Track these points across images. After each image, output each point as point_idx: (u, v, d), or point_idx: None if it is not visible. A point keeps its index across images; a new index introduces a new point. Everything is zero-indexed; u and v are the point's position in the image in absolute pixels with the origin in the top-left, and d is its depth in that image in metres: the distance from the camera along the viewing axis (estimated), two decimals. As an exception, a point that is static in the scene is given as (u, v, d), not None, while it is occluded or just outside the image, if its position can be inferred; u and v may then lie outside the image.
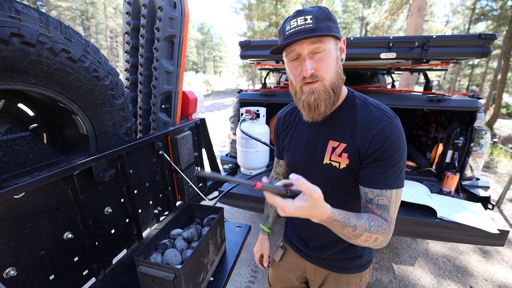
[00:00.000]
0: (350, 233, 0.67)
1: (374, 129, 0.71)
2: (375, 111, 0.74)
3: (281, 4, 18.65)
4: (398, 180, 0.71)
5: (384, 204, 0.70)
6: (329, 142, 0.79)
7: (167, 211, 1.45)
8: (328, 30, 0.67)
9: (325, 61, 0.70)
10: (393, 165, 0.70)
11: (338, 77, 0.73)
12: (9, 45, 0.77)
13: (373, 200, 0.72)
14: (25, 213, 0.75)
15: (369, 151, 0.71)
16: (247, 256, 2.40)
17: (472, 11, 15.17)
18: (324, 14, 0.68)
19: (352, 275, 0.91)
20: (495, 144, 6.23)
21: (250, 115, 2.02)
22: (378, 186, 0.71)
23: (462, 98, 2.00)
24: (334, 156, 0.77)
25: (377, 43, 1.81)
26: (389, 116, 0.72)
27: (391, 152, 0.69)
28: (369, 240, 0.68)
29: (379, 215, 0.71)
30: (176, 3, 1.42)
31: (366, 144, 0.71)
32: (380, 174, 0.70)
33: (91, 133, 1.15)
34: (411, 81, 8.06)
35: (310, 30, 0.66)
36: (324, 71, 0.70)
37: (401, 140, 0.71)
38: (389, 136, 0.69)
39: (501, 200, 3.40)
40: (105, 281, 0.97)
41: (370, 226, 0.68)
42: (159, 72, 1.51)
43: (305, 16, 0.67)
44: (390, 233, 0.71)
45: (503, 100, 13.81)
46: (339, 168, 0.77)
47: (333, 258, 0.91)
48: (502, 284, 2.12)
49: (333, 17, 0.70)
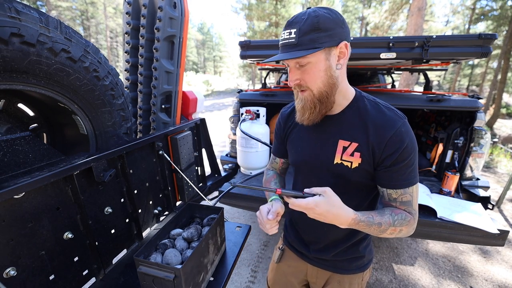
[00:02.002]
0: (376, 230, 0.73)
1: (389, 130, 0.72)
2: (387, 111, 0.75)
3: (281, 4, 18.65)
4: (416, 176, 0.75)
5: (407, 200, 0.75)
6: (339, 142, 0.78)
7: (167, 211, 1.45)
8: (311, 44, 0.67)
9: (309, 73, 0.71)
10: (411, 164, 0.73)
11: (327, 86, 0.73)
12: (9, 45, 0.77)
13: (397, 199, 0.76)
14: (25, 213, 0.75)
15: (386, 153, 0.72)
16: (247, 256, 2.40)
17: (472, 11, 15.17)
18: (310, 25, 0.66)
19: (355, 275, 0.92)
20: (495, 144, 6.23)
21: (250, 115, 2.02)
22: (402, 186, 0.74)
23: (462, 98, 2.00)
24: (345, 155, 0.77)
25: (377, 43, 1.81)
26: (400, 116, 0.74)
27: (408, 153, 0.72)
28: (394, 233, 0.75)
29: (404, 209, 0.76)
30: (176, 3, 1.42)
31: (381, 144, 0.72)
32: (402, 175, 0.74)
33: (91, 133, 1.15)
34: (411, 81, 8.06)
35: (292, 45, 0.68)
36: (309, 82, 0.73)
37: (414, 139, 0.74)
38: (404, 138, 0.71)
39: (501, 200, 3.40)
40: (105, 281, 0.97)
41: (394, 220, 0.74)
42: (159, 72, 1.51)
43: (290, 30, 0.68)
44: (415, 222, 0.77)
45: (503, 100, 13.81)
46: (351, 168, 0.77)
47: (336, 259, 0.91)
48: (502, 284, 2.12)
49: (326, 25, 0.66)
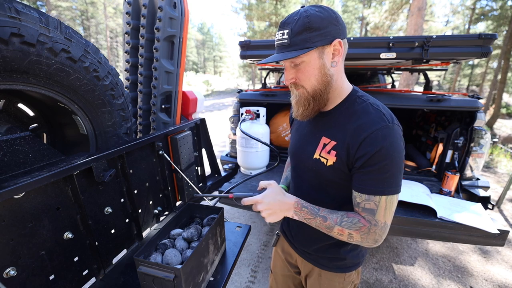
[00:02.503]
0: (321, 223, 0.74)
1: (365, 132, 0.69)
2: (373, 112, 0.72)
3: (281, 4, 18.65)
4: (390, 187, 0.69)
5: (370, 208, 0.71)
6: (322, 138, 0.80)
7: (167, 211, 1.45)
8: (303, 44, 0.68)
9: (303, 72, 0.73)
10: (384, 172, 0.68)
11: (321, 84, 0.74)
12: (9, 45, 0.77)
13: (360, 204, 0.73)
14: (25, 213, 0.75)
15: (358, 154, 0.70)
16: (247, 256, 2.40)
17: (472, 11, 15.16)
18: (302, 25, 0.67)
19: (335, 274, 0.93)
20: (495, 144, 6.23)
21: (250, 115, 2.02)
22: (366, 192, 0.71)
23: (462, 98, 2.00)
24: (323, 152, 0.79)
25: (377, 43, 1.81)
26: (386, 119, 0.69)
27: (381, 158, 0.67)
28: (343, 235, 0.73)
29: (363, 216, 0.73)
30: (176, 3, 1.42)
31: (355, 146, 0.70)
32: (370, 180, 0.69)
33: (91, 133, 1.15)
34: (411, 81, 8.06)
35: (285, 46, 0.71)
36: (303, 81, 0.75)
37: (394, 146, 0.67)
38: (379, 141, 0.67)
39: (501, 200, 3.40)
40: (105, 281, 0.97)
41: (341, 220, 0.72)
42: (159, 72, 1.51)
43: (283, 31, 0.70)
44: (374, 234, 0.71)
45: (503, 100, 13.81)
46: (326, 165, 0.78)
47: (316, 255, 0.94)
48: (502, 284, 2.12)
49: (317, 24, 0.67)
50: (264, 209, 0.76)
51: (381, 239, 0.73)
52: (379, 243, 0.74)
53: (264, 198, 0.76)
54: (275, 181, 0.80)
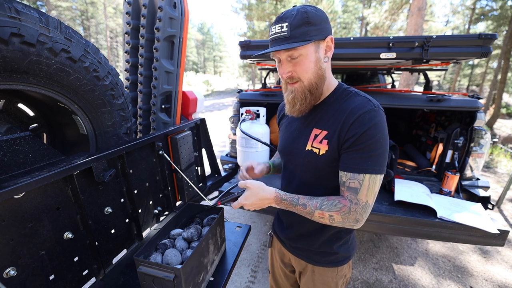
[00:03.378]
0: (302, 211, 0.78)
1: (354, 115, 0.73)
2: (359, 99, 0.77)
3: (281, 4, 18.64)
4: (373, 166, 0.72)
5: (354, 187, 0.74)
6: (313, 130, 0.83)
7: (167, 211, 1.45)
8: (302, 36, 0.71)
9: (301, 65, 0.75)
10: (369, 151, 0.72)
11: (317, 78, 0.78)
12: (9, 45, 0.77)
13: (345, 183, 0.76)
14: (25, 213, 0.75)
15: (347, 136, 0.74)
16: (247, 256, 2.40)
17: (472, 11, 15.16)
18: (300, 19, 0.70)
19: (328, 269, 0.95)
20: (495, 144, 6.23)
21: (250, 115, 2.02)
22: (351, 170, 0.74)
23: (462, 98, 2.00)
24: (315, 142, 0.81)
25: (377, 43, 1.81)
26: (372, 104, 0.74)
27: (367, 138, 0.71)
28: (324, 217, 0.76)
29: (346, 196, 0.75)
30: (176, 3, 1.42)
31: (345, 129, 0.74)
32: (355, 159, 0.73)
33: (91, 133, 1.15)
34: (411, 81, 8.05)
35: (285, 38, 0.72)
36: (300, 74, 0.77)
37: (379, 128, 0.72)
38: (366, 122, 0.72)
39: (501, 200, 3.40)
40: (105, 281, 0.97)
41: (321, 204, 0.76)
42: (159, 72, 1.51)
43: (282, 24, 0.72)
44: (355, 213, 0.74)
45: (503, 100, 13.81)
46: (319, 155, 0.80)
47: (309, 250, 0.95)
48: (502, 284, 2.12)
49: (314, 20, 0.71)
50: (249, 208, 0.85)
51: (362, 219, 0.76)
52: (360, 224, 0.76)
53: (247, 200, 0.83)
54: (251, 180, 0.85)
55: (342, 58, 1.90)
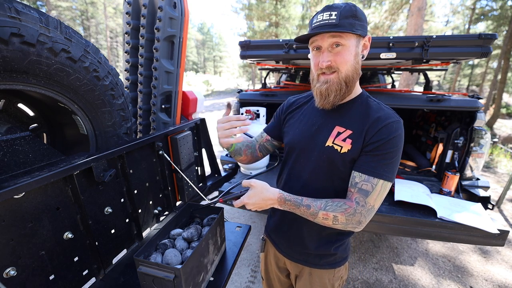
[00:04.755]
0: (306, 212, 0.78)
1: (383, 122, 0.77)
2: (387, 109, 0.81)
3: (281, 4, 18.62)
4: (388, 173, 0.75)
5: (366, 189, 0.75)
6: (336, 127, 0.83)
7: (167, 211, 1.44)
8: (350, 27, 0.73)
9: (342, 55, 0.76)
10: (388, 158, 0.75)
11: (354, 71, 0.78)
12: (9, 45, 0.77)
13: (357, 184, 0.77)
14: (25, 213, 0.75)
15: (373, 139, 0.76)
16: (247, 256, 2.40)
17: (472, 11, 15.16)
18: (349, 11, 0.73)
19: (325, 271, 0.94)
20: (495, 144, 6.23)
21: (250, 115, 2.02)
22: (367, 172, 0.76)
23: (462, 98, 2.00)
24: (337, 140, 0.82)
25: (377, 43, 1.81)
26: (397, 116, 0.80)
27: (390, 145, 0.75)
28: (329, 218, 0.76)
29: (354, 198, 0.76)
30: (176, 3, 1.42)
31: (372, 132, 0.77)
32: (374, 162, 0.76)
33: (91, 133, 1.15)
34: (411, 81, 8.06)
35: (332, 25, 0.73)
36: (340, 64, 0.76)
37: (401, 139, 0.77)
38: (393, 131, 0.75)
39: (501, 200, 3.40)
40: (105, 281, 0.97)
41: (326, 205, 0.76)
42: (159, 72, 1.51)
43: (331, 12, 0.74)
44: (359, 215, 0.75)
45: (503, 100, 13.81)
46: (340, 152, 0.80)
47: (307, 253, 0.94)
48: (502, 284, 2.12)
49: (360, 15, 0.75)
50: (251, 208, 0.84)
51: (365, 222, 0.77)
52: (362, 226, 0.78)
53: (249, 199, 0.82)
54: (255, 180, 0.85)
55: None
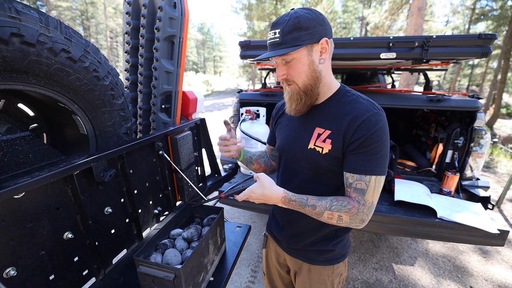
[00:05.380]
0: (311, 212, 0.79)
1: (360, 117, 0.76)
2: (364, 102, 0.80)
3: (281, 4, 18.63)
4: (378, 167, 0.76)
5: (361, 188, 0.76)
6: (316, 129, 0.85)
7: (167, 211, 1.45)
8: (293, 42, 0.74)
9: (294, 69, 0.79)
10: (375, 153, 0.75)
11: (311, 79, 0.80)
12: (9, 45, 0.77)
13: (352, 184, 0.78)
14: (25, 213, 0.74)
15: (353, 138, 0.76)
16: (247, 256, 2.40)
17: (472, 11, 15.16)
18: (292, 25, 0.73)
19: (324, 267, 0.96)
20: (495, 144, 6.23)
21: (250, 115, 2.02)
22: (358, 172, 0.76)
23: (462, 98, 2.00)
24: (318, 141, 0.83)
25: (377, 43, 1.81)
26: (376, 107, 0.78)
27: (373, 140, 0.74)
28: (334, 218, 0.77)
29: (353, 197, 0.77)
30: (176, 3, 1.42)
31: (351, 131, 0.76)
32: (362, 161, 0.76)
33: (91, 133, 1.15)
34: (411, 81, 8.05)
35: (277, 44, 0.76)
36: (294, 77, 0.80)
37: (384, 130, 0.76)
38: (373, 125, 0.74)
39: (501, 200, 3.40)
40: (105, 281, 0.97)
41: (331, 205, 0.77)
42: (159, 72, 1.51)
43: (275, 30, 0.76)
44: (362, 214, 0.76)
45: (503, 100, 13.80)
46: (322, 153, 0.82)
47: (305, 249, 0.96)
48: (502, 284, 2.12)
49: (306, 24, 0.73)
50: (254, 201, 0.84)
51: (367, 219, 0.78)
52: (365, 223, 0.79)
53: (253, 193, 0.82)
54: (263, 174, 0.85)
55: (342, 58, 1.90)
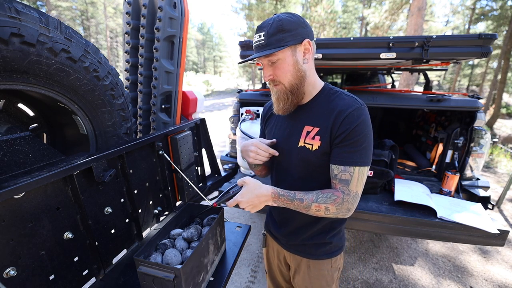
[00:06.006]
0: (299, 205, 0.81)
1: (344, 113, 0.80)
2: (347, 98, 0.83)
3: (281, 4, 18.64)
4: (362, 158, 0.79)
5: (346, 179, 0.80)
6: (304, 127, 0.88)
7: (167, 211, 1.45)
8: (278, 43, 0.78)
9: (279, 69, 0.82)
10: (358, 145, 0.79)
11: (297, 78, 0.83)
12: (9, 45, 0.77)
13: (337, 176, 0.81)
14: (25, 213, 0.75)
15: (338, 132, 0.80)
16: (247, 256, 2.40)
17: (472, 11, 15.16)
18: (275, 28, 0.77)
19: (323, 261, 0.98)
20: (495, 144, 6.23)
21: (250, 115, 2.02)
22: (343, 163, 0.80)
23: (462, 98, 2.00)
24: (308, 139, 0.86)
25: (377, 43, 1.81)
26: (358, 102, 0.81)
27: (356, 133, 0.78)
28: (321, 210, 0.80)
29: (338, 188, 0.81)
30: (176, 3, 1.42)
31: (336, 125, 0.80)
32: (346, 153, 0.80)
33: (91, 133, 1.15)
34: (411, 81, 8.06)
35: (262, 46, 0.80)
36: (280, 77, 0.83)
37: (366, 123, 0.80)
38: (355, 119, 0.78)
39: (501, 200, 3.40)
40: (105, 281, 0.97)
41: (317, 198, 0.80)
42: (159, 72, 1.51)
43: (260, 33, 0.80)
44: (347, 203, 0.80)
45: (503, 100, 13.80)
46: (312, 150, 0.85)
47: (304, 244, 0.98)
48: (502, 284, 2.12)
49: (289, 26, 0.77)
50: (245, 206, 0.85)
51: (353, 208, 0.82)
52: (351, 212, 0.83)
53: (243, 197, 0.84)
54: (249, 177, 0.87)
55: (342, 58, 1.90)
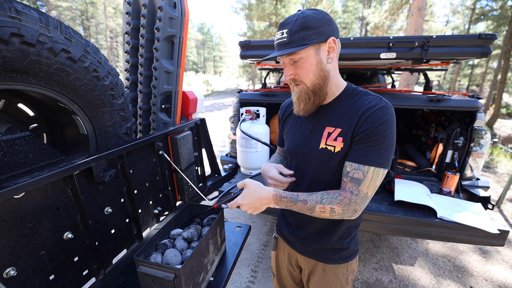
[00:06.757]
0: (303, 207, 0.79)
1: (368, 111, 0.76)
2: (372, 97, 0.80)
3: (281, 4, 18.64)
4: (380, 159, 0.74)
5: (358, 177, 0.75)
6: (326, 128, 0.84)
7: (167, 211, 1.44)
8: (301, 41, 0.74)
9: (302, 68, 0.78)
10: (377, 144, 0.74)
11: (320, 78, 0.79)
12: (9, 45, 0.77)
13: (349, 173, 0.77)
14: (25, 213, 0.75)
15: (360, 130, 0.76)
16: (247, 256, 2.40)
17: (472, 11, 15.16)
18: (299, 25, 0.73)
19: (339, 265, 0.95)
20: (495, 144, 6.23)
21: (250, 115, 2.02)
22: (357, 161, 0.76)
23: (462, 98, 2.00)
24: (329, 140, 0.82)
25: (377, 43, 1.81)
26: (384, 102, 0.77)
27: (377, 132, 0.74)
28: (326, 211, 0.77)
29: (347, 188, 0.77)
30: (176, 3, 1.42)
31: (360, 124, 0.77)
32: (362, 150, 0.76)
33: (91, 133, 1.15)
34: (411, 81, 8.05)
35: (285, 44, 0.76)
36: (302, 76, 0.79)
37: (390, 123, 0.75)
38: (379, 118, 0.74)
39: (501, 200, 3.40)
40: (105, 281, 0.97)
41: (321, 198, 0.77)
42: (159, 72, 1.51)
43: (282, 30, 0.76)
44: (354, 204, 0.76)
45: (503, 100, 13.80)
46: (334, 152, 0.81)
47: (320, 248, 0.95)
48: (502, 284, 2.12)
49: (313, 24, 0.73)
50: (247, 208, 0.83)
51: (360, 210, 0.78)
52: (358, 214, 0.79)
53: (244, 199, 0.82)
54: (249, 179, 0.85)
55: (342, 58, 1.90)
